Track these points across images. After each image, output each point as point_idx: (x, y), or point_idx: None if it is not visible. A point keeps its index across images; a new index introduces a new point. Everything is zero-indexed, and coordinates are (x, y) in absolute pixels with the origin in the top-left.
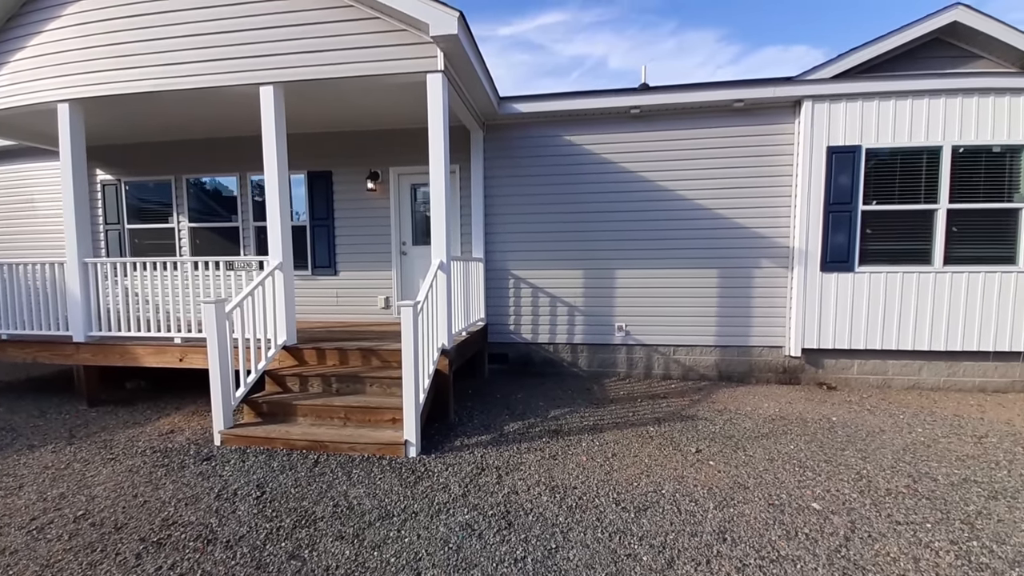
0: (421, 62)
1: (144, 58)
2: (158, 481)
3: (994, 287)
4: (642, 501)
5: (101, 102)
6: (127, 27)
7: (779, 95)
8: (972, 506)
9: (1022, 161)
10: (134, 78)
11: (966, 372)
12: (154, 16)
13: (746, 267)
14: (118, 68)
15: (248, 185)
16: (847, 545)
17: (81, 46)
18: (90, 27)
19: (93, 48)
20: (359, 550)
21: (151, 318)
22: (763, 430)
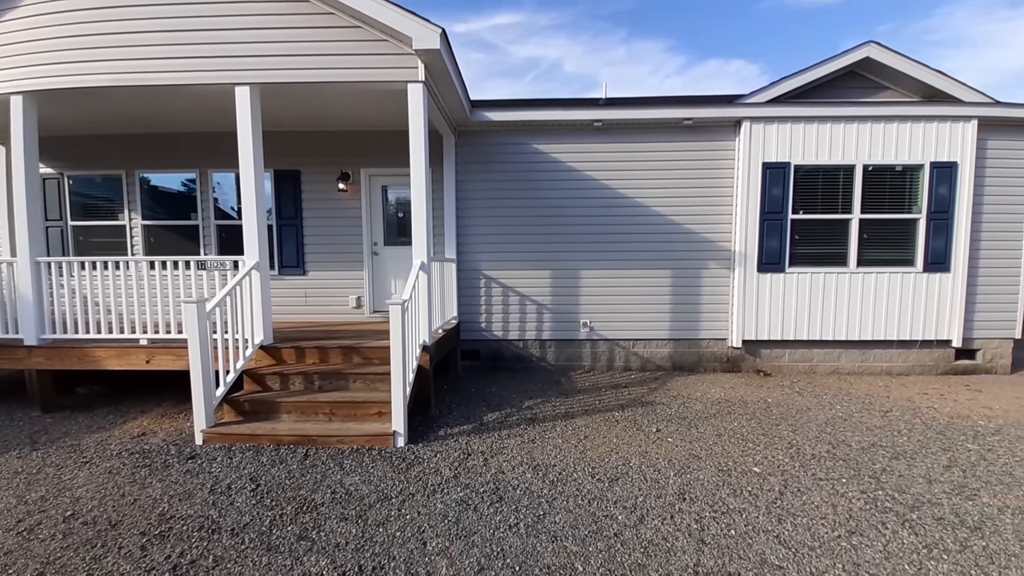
0: (402, 72)
1: (112, 51)
2: (144, 480)
3: (897, 285)
4: (613, 473)
5: (59, 95)
6: (95, 19)
7: (722, 116)
8: (878, 465)
9: (919, 178)
10: (101, 71)
11: (876, 358)
12: (125, 9)
13: (695, 268)
14: (84, 60)
15: (209, 182)
16: (781, 498)
17: (42, 36)
18: (54, 17)
19: (57, 39)
20: (364, 528)
21: (113, 320)
22: (711, 411)
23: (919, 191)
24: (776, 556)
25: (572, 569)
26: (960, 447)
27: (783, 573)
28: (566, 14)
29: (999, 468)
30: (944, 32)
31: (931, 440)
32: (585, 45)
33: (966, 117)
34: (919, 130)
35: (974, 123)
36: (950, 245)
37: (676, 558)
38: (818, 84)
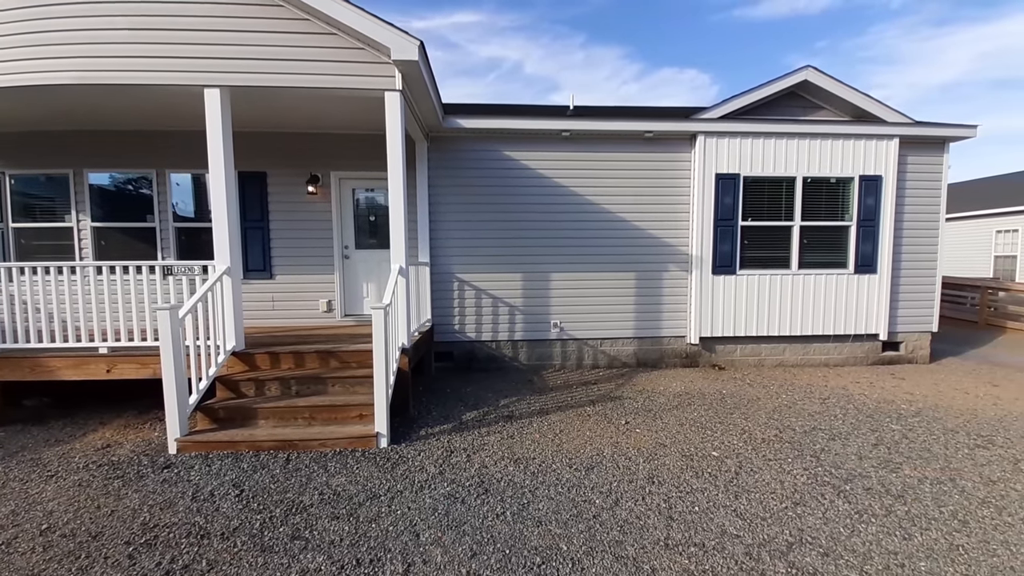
0: (379, 80)
1: (76, 48)
2: (118, 492)
3: (832, 286)
4: (589, 463)
5: (13, 92)
6: (57, 14)
7: (679, 130)
8: (818, 445)
9: (850, 190)
10: (63, 68)
11: (816, 352)
12: (90, 5)
13: (657, 270)
14: (45, 57)
15: (168, 183)
16: (737, 477)
17: None
18: (12, 13)
19: (15, 36)
20: (357, 525)
21: (69, 328)
22: (674, 403)
23: (850, 201)
24: (734, 526)
25: (557, 549)
26: (886, 428)
27: (740, 540)
28: (526, 16)
29: (919, 445)
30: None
31: (862, 423)
32: (545, 48)
33: (889, 136)
34: (849, 146)
35: (896, 141)
36: (877, 249)
37: (649, 533)
38: (764, 102)
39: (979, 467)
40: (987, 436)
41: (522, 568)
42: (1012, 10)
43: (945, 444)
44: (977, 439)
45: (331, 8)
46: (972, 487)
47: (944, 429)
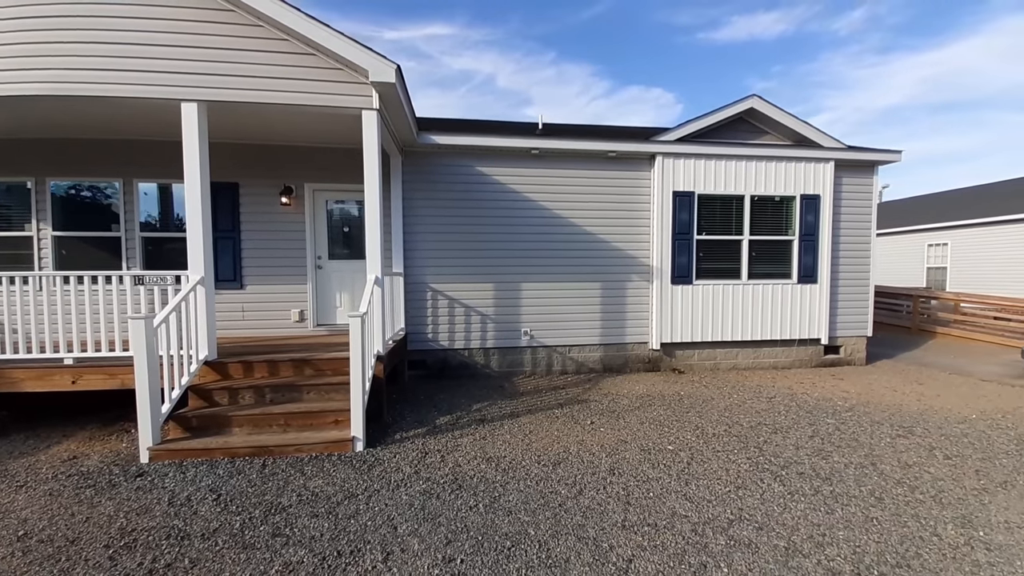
0: (357, 99)
1: (51, 60)
2: (92, 500)
3: (778, 295)
4: (556, 459)
5: None
6: (33, 27)
7: (640, 150)
8: (761, 438)
9: (792, 207)
10: (37, 80)
11: (765, 355)
12: (68, 19)
13: (621, 280)
14: (19, 68)
15: (135, 192)
16: (689, 467)
17: None
18: None
19: None
20: (336, 521)
21: (33, 338)
22: (636, 405)
23: (793, 218)
24: (683, 508)
25: (526, 534)
26: (822, 422)
27: (687, 519)
28: (499, 31)
29: (848, 436)
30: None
31: (802, 418)
32: (517, 63)
33: (825, 159)
34: (791, 168)
35: (831, 164)
36: (817, 261)
37: (608, 517)
38: (717, 126)
39: (898, 453)
40: (908, 427)
41: (493, 551)
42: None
43: (871, 435)
44: (899, 430)
45: (310, 30)
46: (890, 470)
47: (871, 422)
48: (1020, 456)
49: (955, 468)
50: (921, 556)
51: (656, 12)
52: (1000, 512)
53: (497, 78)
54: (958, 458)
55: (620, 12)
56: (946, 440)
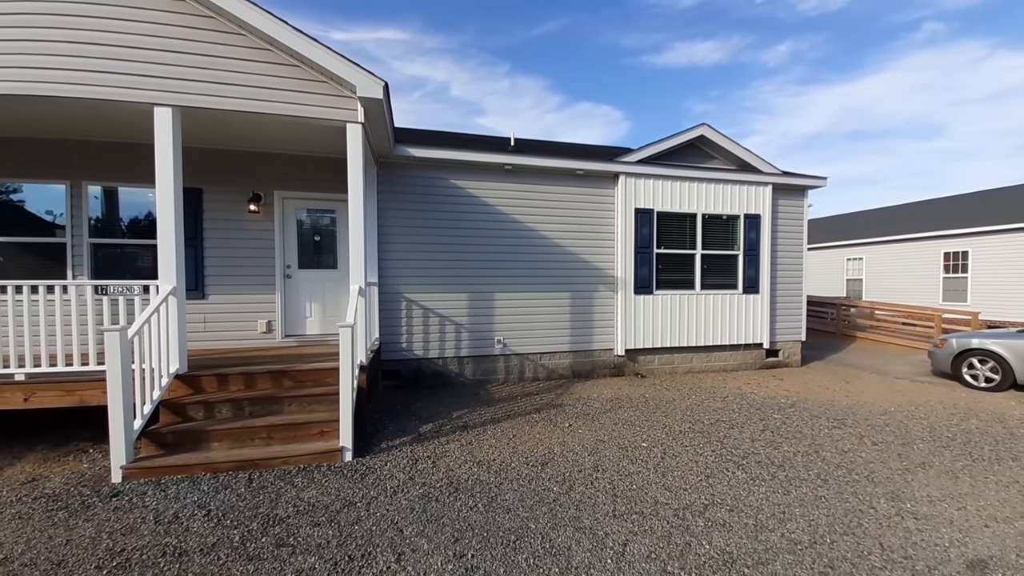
0: (342, 112)
1: (15, 58)
2: (67, 522)
3: (727, 304)
4: (542, 459)
5: None
6: None
7: (605, 169)
8: (721, 433)
9: (738, 225)
10: None
11: (716, 359)
12: (35, 16)
13: (589, 290)
14: None
15: (84, 196)
16: (663, 461)
17: None
18: None
19: None
20: (340, 529)
21: None
22: (607, 407)
23: (738, 234)
24: (664, 497)
25: (527, 528)
26: (770, 417)
27: (669, 506)
28: (453, 40)
29: (793, 428)
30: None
31: (753, 414)
32: (471, 72)
33: (764, 183)
34: (736, 190)
35: (770, 187)
36: (759, 274)
37: (600, 508)
38: (673, 150)
39: (835, 442)
40: (841, 419)
41: (500, 545)
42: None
43: (812, 427)
44: (834, 422)
45: (296, 43)
46: (830, 456)
47: (811, 416)
48: (933, 441)
49: (882, 452)
50: (862, 525)
51: (605, 34)
52: (922, 488)
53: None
54: (883, 444)
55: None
56: (872, 429)
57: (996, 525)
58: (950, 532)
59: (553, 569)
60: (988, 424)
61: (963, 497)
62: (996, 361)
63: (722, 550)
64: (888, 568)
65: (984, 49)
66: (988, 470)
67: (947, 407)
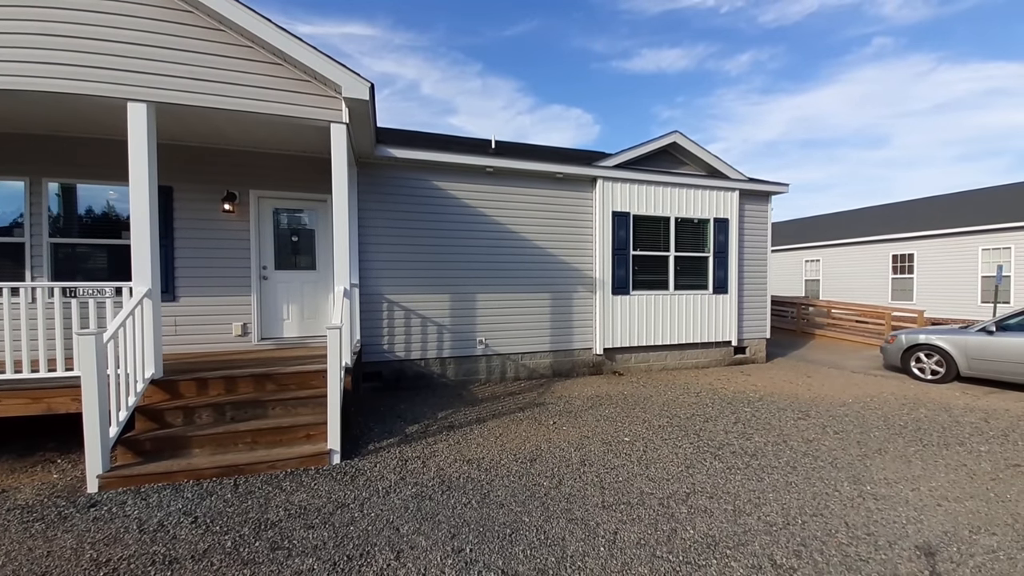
0: (326, 112)
1: None
2: (45, 534)
3: (698, 304)
4: (530, 456)
5: None
6: None
7: (583, 173)
8: (697, 426)
9: (708, 228)
10: None
11: (689, 357)
12: None
13: (568, 291)
14: None
15: (44, 194)
16: (645, 454)
17: None
18: None
19: None
20: (335, 530)
21: None
22: (588, 405)
23: (708, 237)
24: (648, 487)
25: (521, 521)
26: (741, 410)
27: (654, 495)
28: (423, 38)
29: (763, 420)
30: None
31: (725, 408)
32: (443, 72)
33: (732, 188)
34: (706, 195)
35: (737, 192)
36: (727, 275)
37: (589, 500)
38: (648, 155)
39: (801, 432)
40: (805, 411)
41: (496, 539)
42: (814, 86)
43: (779, 419)
44: (799, 414)
45: (278, 40)
46: (797, 445)
47: (778, 408)
48: (887, 429)
49: (843, 440)
50: (829, 507)
51: (575, 38)
52: (879, 472)
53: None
54: (844, 433)
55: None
56: (833, 420)
57: (948, 504)
58: (907, 511)
59: (549, 559)
60: (935, 413)
61: (916, 479)
62: (941, 355)
63: (705, 534)
64: (854, 544)
65: (929, 63)
66: (937, 455)
67: (898, 398)
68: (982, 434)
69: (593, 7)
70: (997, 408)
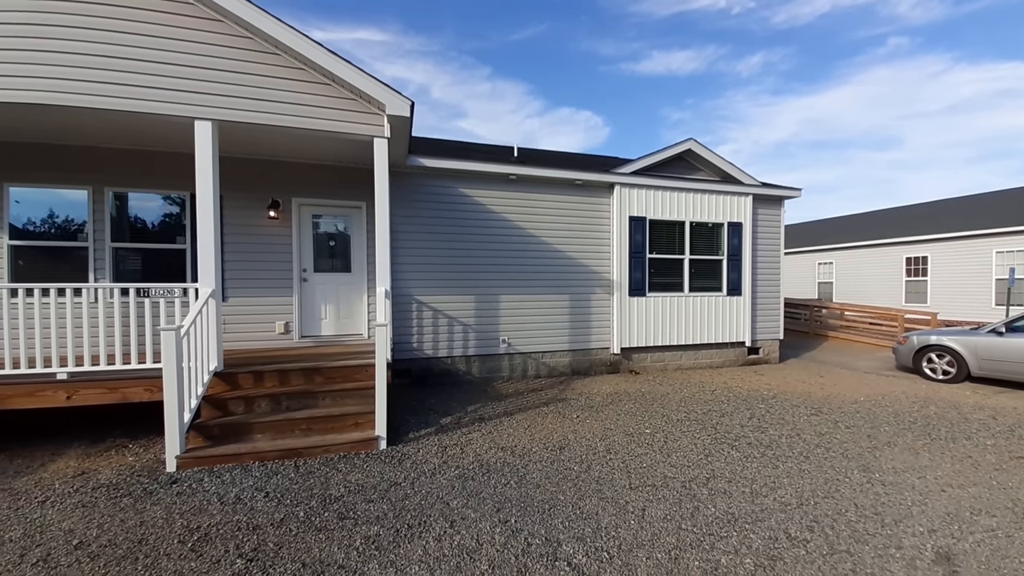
0: (370, 128)
1: (56, 69)
2: (134, 507)
3: (712, 305)
4: (559, 444)
5: None
6: (51, 35)
7: (601, 180)
8: (714, 420)
9: (722, 232)
10: (45, 88)
11: (703, 357)
12: (83, 30)
13: (587, 293)
14: (37, 76)
15: (106, 201)
16: (666, 444)
17: None
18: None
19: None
20: (392, 503)
21: (22, 353)
22: (608, 401)
23: (722, 241)
24: (671, 473)
25: (557, 499)
26: (755, 407)
27: (677, 479)
28: (433, 42)
29: (776, 416)
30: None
31: (740, 405)
32: (452, 76)
33: (745, 193)
34: (720, 200)
35: (750, 197)
36: (741, 277)
37: (617, 482)
38: (663, 162)
39: (814, 426)
40: (817, 408)
41: (537, 512)
42: (824, 87)
43: (793, 414)
44: (812, 410)
45: (329, 63)
46: (810, 438)
47: (791, 405)
48: (897, 425)
49: (854, 434)
50: (840, 491)
51: (583, 41)
52: (888, 462)
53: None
54: (855, 428)
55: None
56: (845, 416)
57: (952, 490)
58: (913, 495)
59: (586, 529)
60: (945, 410)
61: (923, 469)
62: (952, 356)
63: (725, 511)
64: (863, 521)
65: (943, 63)
66: (944, 448)
67: (909, 396)
68: (989, 429)
69: (601, 10)
70: (1006, 406)
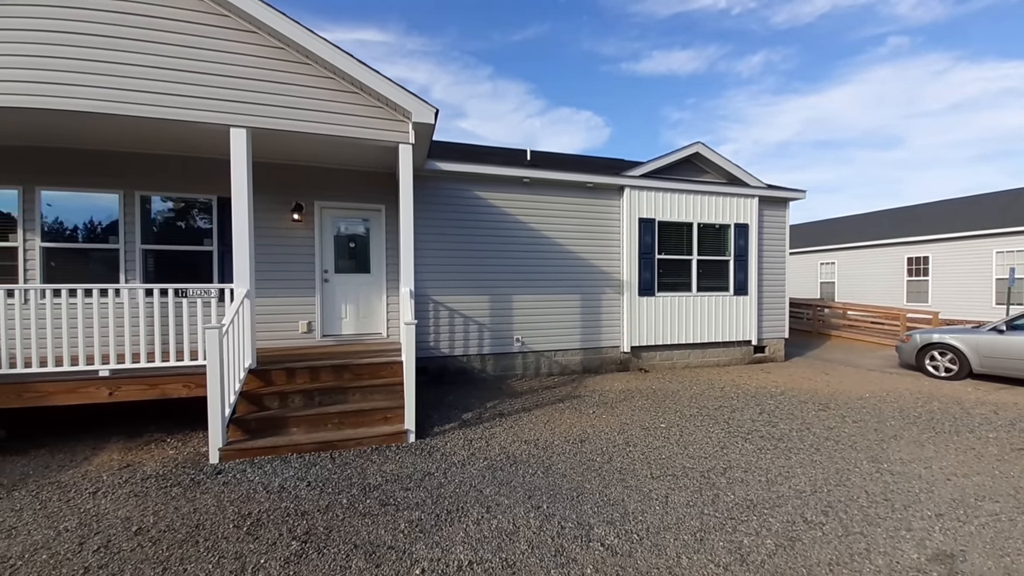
0: (395, 135)
1: (101, 79)
2: (185, 495)
3: (719, 305)
4: (579, 438)
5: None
6: (85, 43)
7: (611, 182)
8: (725, 415)
9: (728, 233)
10: (87, 96)
11: (711, 355)
12: (127, 40)
13: (597, 292)
14: (72, 84)
15: (136, 204)
16: (682, 437)
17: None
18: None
19: (52, 59)
20: (429, 491)
21: (65, 351)
22: (621, 397)
23: (729, 242)
24: (688, 464)
25: (583, 487)
26: (765, 403)
27: (695, 469)
28: (435, 42)
29: (786, 411)
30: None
31: (749, 401)
32: (454, 76)
33: (751, 195)
34: (727, 202)
35: (756, 199)
36: (747, 277)
37: (639, 472)
38: (671, 165)
39: (822, 421)
40: (824, 404)
41: (566, 499)
42: (827, 86)
43: (801, 410)
44: (819, 406)
45: (357, 72)
46: (819, 431)
47: (799, 401)
48: (902, 419)
49: (861, 428)
50: (851, 480)
51: (584, 41)
52: (895, 453)
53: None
54: (862, 422)
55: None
56: (852, 411)
57: (956, 479)
58: (920, 484)
59: (614, 514)
60: (948, 406)
61: (929, 460)
62: (954, 353)
63: (744, 498)
64: (874, 507)
65: (946, 62)
66: (948, 440)
67: (913, 393)
68: (991, 423)
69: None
70: (1007, 401)
